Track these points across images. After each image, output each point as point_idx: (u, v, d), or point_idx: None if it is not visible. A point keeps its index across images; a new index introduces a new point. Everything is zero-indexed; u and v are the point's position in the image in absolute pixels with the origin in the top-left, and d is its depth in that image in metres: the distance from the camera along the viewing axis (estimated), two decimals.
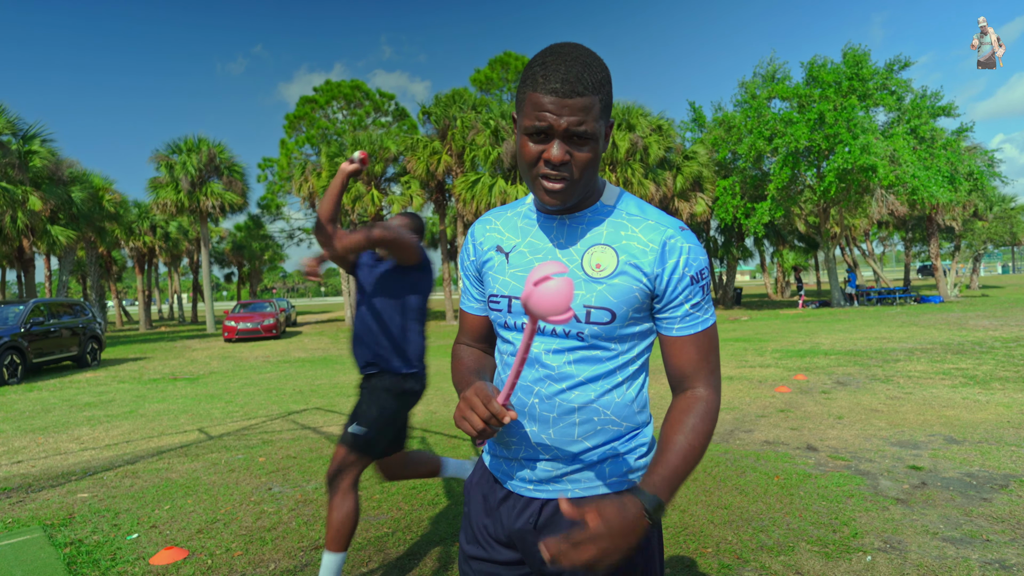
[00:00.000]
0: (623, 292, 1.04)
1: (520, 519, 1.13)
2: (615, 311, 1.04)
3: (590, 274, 1.05)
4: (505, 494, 1.16)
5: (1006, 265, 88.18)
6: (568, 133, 0.96)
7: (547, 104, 0.95)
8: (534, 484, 1.12)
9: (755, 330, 15.23)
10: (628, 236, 1.06)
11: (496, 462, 1.18)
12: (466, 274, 1.24)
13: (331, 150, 24.71)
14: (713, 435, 4.67)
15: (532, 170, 1.01)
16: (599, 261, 1.05)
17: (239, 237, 38.74)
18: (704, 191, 23.84)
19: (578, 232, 1.08)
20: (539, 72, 0.96)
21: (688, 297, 1.06)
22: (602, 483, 1.09)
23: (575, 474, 1.09)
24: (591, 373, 1.07)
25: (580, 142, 0.98)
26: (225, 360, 13.80)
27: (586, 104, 0.95)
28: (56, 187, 19.17)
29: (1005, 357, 8.43)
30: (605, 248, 1.05)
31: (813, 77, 21.19)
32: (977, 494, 3.43)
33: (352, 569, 2.79)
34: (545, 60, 0.97)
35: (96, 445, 5.54)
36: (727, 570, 2.66)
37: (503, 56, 31.74)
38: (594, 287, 1.04)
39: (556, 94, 0.94)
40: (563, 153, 0.97)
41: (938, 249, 27.73)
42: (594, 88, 0.96)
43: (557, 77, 0.94)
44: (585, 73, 0.95)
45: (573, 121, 0.95)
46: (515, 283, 1.10)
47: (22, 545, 3.18)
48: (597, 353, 1.07)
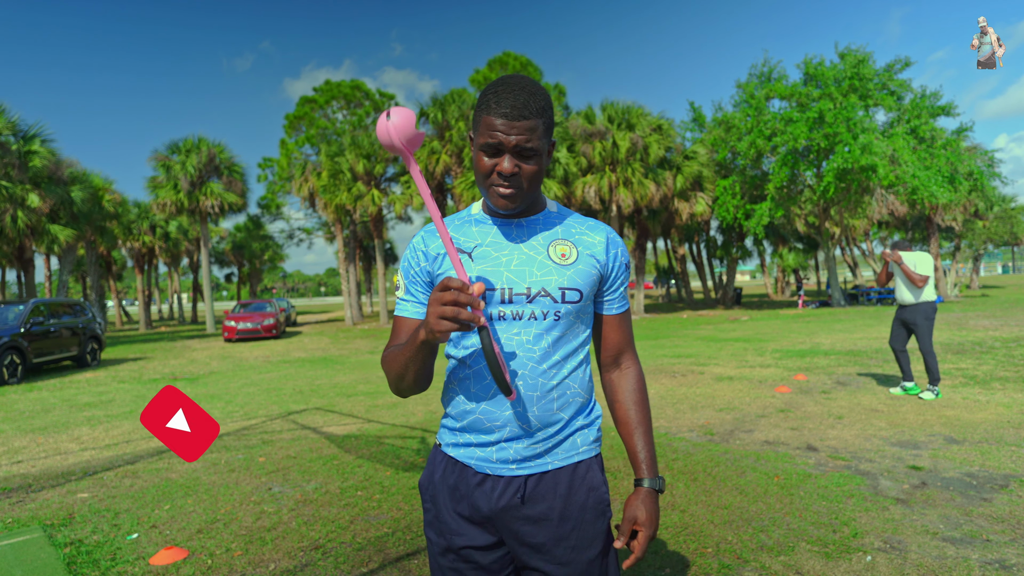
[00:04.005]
0: (586, 275, 1.24)
1: (503, 498, 1.22)
2: (583, 291, 1.24)
3: (558, 262, 1.23)
4: (480, 479, 1.24)
5: (1006, 265, 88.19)
6: (516, 149, 1.13)
7: (498, 125, 1.12)
8: (516, 463, 1.22)
9: (755, 330, 15.23)
10: (579, 233, 1.29)
11: (468, 451, 1.26)
12: (412, 280, 1.29)
13: (331, 150, 24.71)
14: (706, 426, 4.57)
15: (487, 180, 1.18)
16: (563, 251, 1.25)
17: (239, 237, 38.75)
18: (704, 191, 23.84)
19: (536, 230, 1.27)
20: (492, 99, 1.13)
21: (623, 282, 1.33)
22: (575, 453, 1.26)
23: (554, 448, 1.24)
24: (564, 351, 1.24)
25: (527, 156, 1.15)
26: (225, 360, 13.80)
27: (531, 125, 1.13)
28: (56, 187, 19.17)
29: (1005, 357, 8.43)
30: (565, 241, 1.26)
31: (810, 75, 21.19)
32: (977, 494, 3.43)
33: (352, 569, 2.79)
34: (497, 89, 1.15)
35: (96, 445, 5.54)
36: (727, 570, 2.66)
37: (502, 56, 31.75)
38: (564, 271, 1.23)
39: (506, 117, 1.12)
40: (513, 166, 1.15)
41: (938, 249, 27.72)
42: (538, 112, 1.14)
43: (507, 103, 1.12)
44: (530, 100, 1.13)
45: (521, 139, 1.13)
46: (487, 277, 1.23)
47: (22, 545, 3.18)
48: (568, 334, 1.24)
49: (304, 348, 16.39)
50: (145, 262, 33.59)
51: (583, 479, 1.25)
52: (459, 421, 1.26)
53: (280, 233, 43.97)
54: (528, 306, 1.20)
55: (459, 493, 1.25)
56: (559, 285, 1.21)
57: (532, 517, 1.22)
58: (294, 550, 3.02)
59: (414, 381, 1.20)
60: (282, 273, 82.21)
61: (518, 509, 1.22)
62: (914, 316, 6.15)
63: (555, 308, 1.21)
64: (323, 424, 6.04)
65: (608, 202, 22.50)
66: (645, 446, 1.29)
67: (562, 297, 1.21)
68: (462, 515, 1.25)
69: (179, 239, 32.89)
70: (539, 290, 1.20)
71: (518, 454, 1.22)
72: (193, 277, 40.08)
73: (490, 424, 1.21)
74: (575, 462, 1.26)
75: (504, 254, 1.23)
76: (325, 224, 33.77)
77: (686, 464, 4.21)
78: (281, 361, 13.14)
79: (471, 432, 1.24)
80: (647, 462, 1.28)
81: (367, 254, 36.36)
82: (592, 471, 1.27)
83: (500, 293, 1.20)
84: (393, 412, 6.44)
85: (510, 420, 1.20)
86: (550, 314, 1.21)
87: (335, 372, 10.57)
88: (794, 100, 21.38)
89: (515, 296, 1.20)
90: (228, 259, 40.93)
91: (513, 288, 1.20)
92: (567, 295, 1.21)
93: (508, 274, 1.21)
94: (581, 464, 1.26)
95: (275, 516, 3.50)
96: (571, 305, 1.22)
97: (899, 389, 6.36)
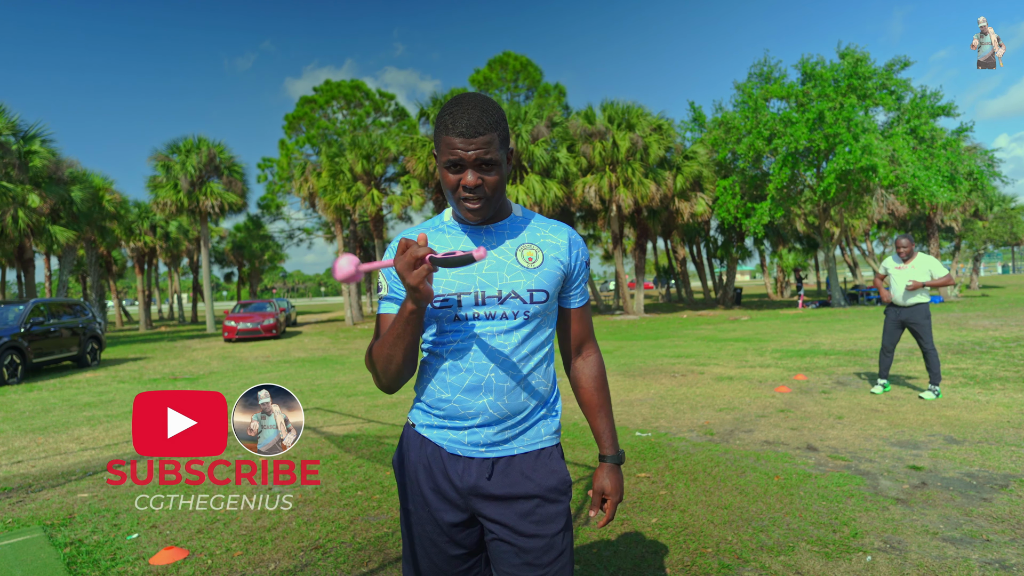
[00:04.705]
0: (552, 276, 1.35)
1: (472, 476, 1.33)
2: (549, 291, 1.35)
3: (525, 265, 1.34)
4: (451, 459, 1.35)
5: (1006, 265, 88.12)
6: (477, 162, 1.23)
7: (457, 143, 1.22)
8: (486, 447, 1.34)
9: (755, 330, 15.23)
10: (544, 236, 1.39)
11: (441, 432, 1.37)
12: (395, 280, 1.36)
13: (331, 150, 24.71)
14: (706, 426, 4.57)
15: (455, 194, 1.28)
16: (530, 255, 1.35)
17: (239, 237, 38.73)
18: (704, 191, 23.82)
19: (504, 236, 1.36)
20: (448, 120, 1.23)
21: (584, 278, 1.45)
22: (539, 441, 1.39)
23: (520, 435, 1.36)
24: (531, 347, 1.35)
25: (487, 168, 1.25)
26: (225, 360, 13.80)
27: (487, 140, 1.23)
28: (56, 187, 19.16)
29: (1005, 357, 8.43)
30: (531, 246, 1.36)
31: (808, 75, 21.19)
32: (977, 494, 3.43)
33: (352, 569, 2.79)
34: (452, 110, 1.24)
35: (96, 445, 5.54)
36: (727, 570, 2.66)
37: (502, 56, 31.75)
38: (532, 274, 1.33)
39: (463, 135, 1.21)
40: (475, 178, 1.24)
41: (938, 249, 27.73)
42: (492, 127, 1.23)
43: (462, 122, 1.21)
44: (483, 116, 1.22)
45: (480, 152, 1.22)
46: (460, 281, 1.31)
47: (22, 545, 3.18)
48: (536, 331, 1.36)
49: (304, 348, 16.39)
50: (145, 262, 33.57)
51: (546, 463, 1.38)
52: (434, 408, 1.37)
53: (280, 233, 43.93)
54: (500, 307, 1.31)
55: (432, 471, 1.36)
56: (527, 287, 1.32)
57: (500, 496, 1.33)
58: (294, 550, 3.03)
59: (402, 361, 1.26)
60: (282, 273, 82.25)
61: (486, 487, 1.33)
62: (916, 316, 6.12)
63: (524, 308, 1.32)
64: (323, 424, 6.05)
65: (608, 202, 22.50)
66: (607, 426, 1.47)
67: (530, 298, 1.32)
68: (436, 491, 1.36)
69: (179, 239, 32.87)
70: (509, 292, 1.31)
71: (488, 439, 1.34)
72: (193, 277, 40.06)
73: (464, 412, 1.33)
74: (538, 448, 1.38)
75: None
76: (325, 224, 33.81)
77: (686, 464, 4.21)
78: (281, 361, 13.14)
79: (447, 418, 1.35)
80: (609, 439, 1.46)
81: (367, 254, 36.34)
82: (553, 457, 1.40)
83: (474, 296, 1.30)
84: (393, 412, 6.44)
85: (483, 409, 1.32)
86: (520, 314, 1.32)
87: (335, 372, 10.58)
88: (792, 100, 21.37)
89: (487, 298, 1.31)
90: (228, 259, 40.90)
91: (485, 291, 1.30)
92: (535, 296, 1.33)
93: (480, 278, 1.31)
94: (544, 451, 1.39)
95: (275, 516, 3.50)
96: (538, 305, 1.33)
97: (880, 388, 6.38)
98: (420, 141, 23.19)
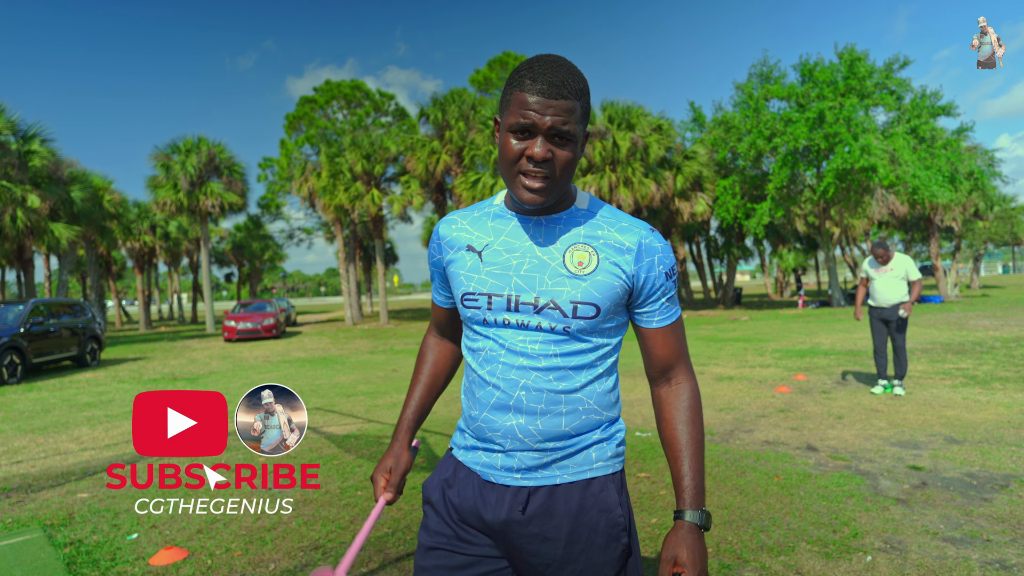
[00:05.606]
0: (606, 288, 1.08)
1: (505, 509, 1.11)
2: (600, 306, 1.08)
3: (573, 271, 1.09)
4: (484, 486, 1.15)
5: (1006, 265, 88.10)
6: (551, 131, 1.01)
7: (533, 104, 1.00)
8: (521, 473, 1.12)
9: (755, 330, 15.23)
10: (605, 236, 1.11)
11: (475, 455, 1.17)
12: (434, 271, 1.28)
13: (331, 150, 24.71)
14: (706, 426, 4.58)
15: (513, 167, 1.05)
16: (580, 259, 1.09)
17: (239, 237, 38.74)
18: (704, 191, 23.84)
19: (556, 232, 1.12)
20: (527, 75, 1.02)
21: (665, 292, 1.13)
22: (588, 468, 1.13)
23: (563, 460, 1.12)
24: (576, 363, 1.10)
25: (562, 141, 1.03)
26: (225, 360, 13.80)
27: (569, 106, 1.01)
28: (56, 187, 19.16)
29: (1005, 357, 8.43)
30: (585, 247, 1.10)
31: (807, 76, 21.19)
32: (977, 494, 3.42)
33: (352, 569, 2.79)
34: (532, 65, 1.03)
35: (96, 445, 5.53)
36: (727, 570, 2.66)
37: (502, 56, 31.73)
38: (579, 283, 1.08)
39: (542, 95, 1.00)
40: (545, 150, 1.02)
41: (938, 249, 27.72)
42: (576, 94, 1.03)
43: (544, 79, 1.00)
44: (569, 79, 1.02)
45: (557, 120, 1.01)
46: (493, 280, 1.12)
47: (22, 545, 3.18)
48: (581, 345, 1.10)
49: (304, 348, 16.39)
50: (145, 262, 33.56)
51: (596, 498, 1.11)
52: (467, 427, 1.19)
53: (280, 233, 43.98)
54: (535, 317, 1.09)
55: (461, 499, 1.16)
56: (571, 298, 1.07)
57: (538, 534, 1.10)
58: (294, 550, 3.02)
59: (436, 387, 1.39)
60: (282, 273, 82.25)
61: (523, 524, 1.11)
62: (894, 315, 6.19)
63: (564, 323, 1.08)
64: (323, 424, 6.04)
65: (608, 202, 22.49)
66: (692, 473, 1.11)
67: (574, 312, 1.07)
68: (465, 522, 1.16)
69: (179, 239, 32.88)
70: (548, 301, 1.08)
71: (523, 463, 1.11)
72: (193, 277, 40.07)
73: (491, 434, 1.13)
74: (588, 478, 1.12)
75: (515, 256, 1.12)
76: (325, 224, 33.76)
77: None
78: (281, 361, 13.14)
79: (479, 439, 1.16)
80: (691, 491, 1.10)
81: (367, 254, 36.36)
82: (607, 490, 1.13)
83: (506, 299, 1.10)
84: (393, 412, 6.44)
85: (511, 432, 1.10)
86: (559, 328, 1.08)
87: (335, 372, 10.57)
88: (792, 100, 21.37)
89: (522, 304, 1.09)
90: (228, 259, 40.91)
91: (520, 296, 1.09)
92: (579, 310, 1.08)
93: (517, 280, 1.10)
94: (595, 481, 1.12)
95: (275, 516, 3.50)
96: (584, 321, 1.08)
97: (880, 388, 6.38)
98: (420, 141, 23.20)
